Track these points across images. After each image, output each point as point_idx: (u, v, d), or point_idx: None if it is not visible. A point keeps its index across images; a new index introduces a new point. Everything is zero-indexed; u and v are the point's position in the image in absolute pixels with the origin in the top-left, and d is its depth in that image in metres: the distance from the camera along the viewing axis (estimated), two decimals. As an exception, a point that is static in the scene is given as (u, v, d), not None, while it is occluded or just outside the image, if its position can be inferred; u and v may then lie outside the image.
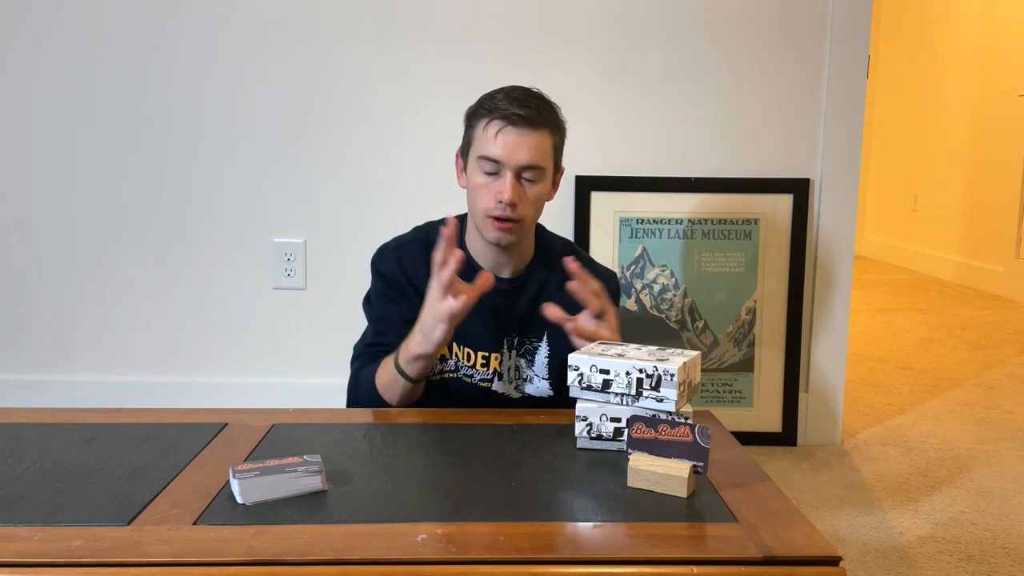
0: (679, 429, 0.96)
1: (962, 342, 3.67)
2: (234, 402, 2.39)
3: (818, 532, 0.87)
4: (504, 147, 1.33)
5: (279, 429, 1.19)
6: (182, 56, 2.38)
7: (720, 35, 2.34)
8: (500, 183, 1.34)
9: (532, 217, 1.40)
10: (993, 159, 4.86)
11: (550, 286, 1.47)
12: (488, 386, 1.44)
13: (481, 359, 1.43)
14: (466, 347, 1.43)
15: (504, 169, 1.34)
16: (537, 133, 1.34)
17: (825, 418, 2.44)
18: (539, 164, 1.35)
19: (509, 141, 1.33)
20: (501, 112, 1.34)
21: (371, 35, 2.36)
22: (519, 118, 1.33)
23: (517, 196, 1.34)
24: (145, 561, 0.81)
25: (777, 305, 2.39)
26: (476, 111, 1.39)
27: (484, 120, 1.36)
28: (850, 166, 2.35)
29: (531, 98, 1.36)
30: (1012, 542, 1.84)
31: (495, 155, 1.34)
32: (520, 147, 1.33)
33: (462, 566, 0.81)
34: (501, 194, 1.33)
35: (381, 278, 1.47)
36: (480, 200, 1.37)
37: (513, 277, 1.46)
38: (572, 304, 1.45)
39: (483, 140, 1.36)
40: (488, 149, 1.34)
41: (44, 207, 2.44)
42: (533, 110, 1.34)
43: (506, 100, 1.34)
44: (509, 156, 1.33)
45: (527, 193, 1.36)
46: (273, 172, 2.42)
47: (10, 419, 1.21)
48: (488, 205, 1.35)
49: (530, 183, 1.36)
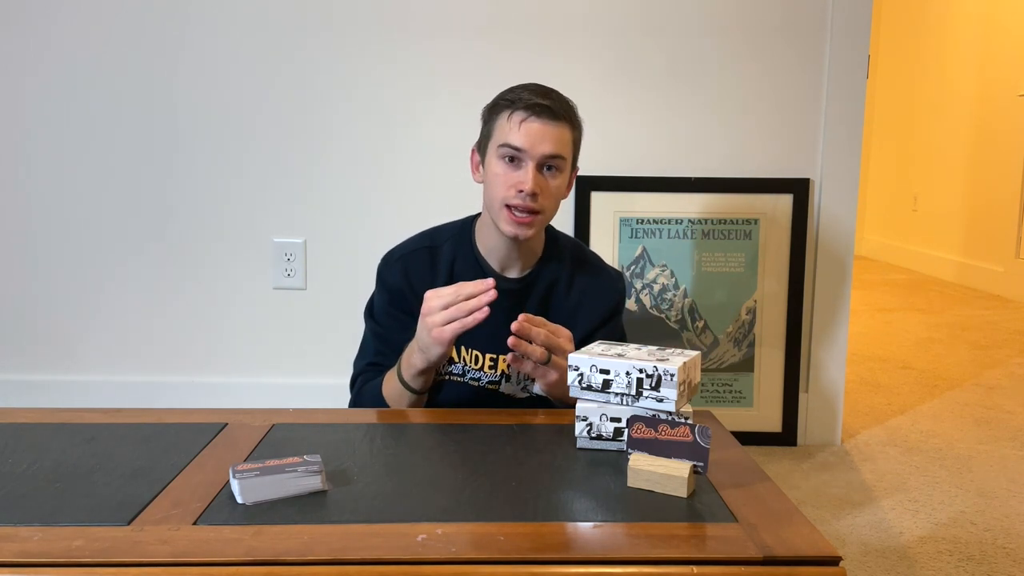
0: (679, 429, 0.96)
1: (962, 342, 3.67)
2: (234, 402, 2.40)
3: (818, 532, 0.87)
4: (528, 136, 1.33)
5: (279, 429, 1.19)
6: (183, 56, 2.38)
7: (720, 35, 2.34)
8: (522, 173, 1.34)
9: (550, 211, 1.39)
10: (993, 159, 4.86)
11: (559, 286, 1.46)
12: (496, 388, 1.44)
13: (489, 361, 1.43)
14: (474, 350, 1.42)
15: (526, 159, 1.34)
16: (559, 125, 1.35)
17: (825, 418, 2.44)
18: (561, 154, 1.35)
19: (533, 130, 1.33)
20: (524, 103, 1.34)
21: (371, 35, 2.36)
22: (543, 108, 1.33)
23: (539, 186, 1.34)
24: (145, 561, 0.81)
25: (777, 305, 2.39)
26: (497, 104, 1.39)
27: (507, 112, 1.36)
28: (850, 166, 2.35)
29: (552, 92, 1.38)
30: (1012, 542, 1.84)
31: (518, 143, 1.33)
32: (544, 137, 1.33)
33: (462, 566, 0.81)
34: (523, 183, 1.33)
35: (385, 290, 1.46)
36: (499, 190, 1.36)
37: (521, 277, 1.45)
38: (577, 305, 1.46)
39: (505, 130, 1.35)
40: (511, 138, 1.34)
41: (44, 207, 2.44)
42: (556, 102, 1.35)
43: (528, 93, 1.35)
44: (532, 145, 1.33)
45: (548, 185, 1.36)
46: (273, 172, 2.42)
47: (10, 419, 1.21)
48: (507, 194, 1.35)
49: (551, 175, 1.36)
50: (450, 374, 1.43)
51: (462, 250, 1.46)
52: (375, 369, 1.45)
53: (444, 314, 1.23)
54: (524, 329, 1.21)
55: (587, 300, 1.47)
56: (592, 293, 1.47)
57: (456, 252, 1.46)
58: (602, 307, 1.47)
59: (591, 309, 1.46)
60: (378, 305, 1.48)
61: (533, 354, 1.22)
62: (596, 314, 1.46)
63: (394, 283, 1.44)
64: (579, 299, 1.46)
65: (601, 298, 1.48)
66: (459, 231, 1.48)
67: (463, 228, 1.48)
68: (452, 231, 1.49)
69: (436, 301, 1.24)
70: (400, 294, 1.43)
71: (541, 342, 1.23)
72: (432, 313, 1.24)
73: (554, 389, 1.28)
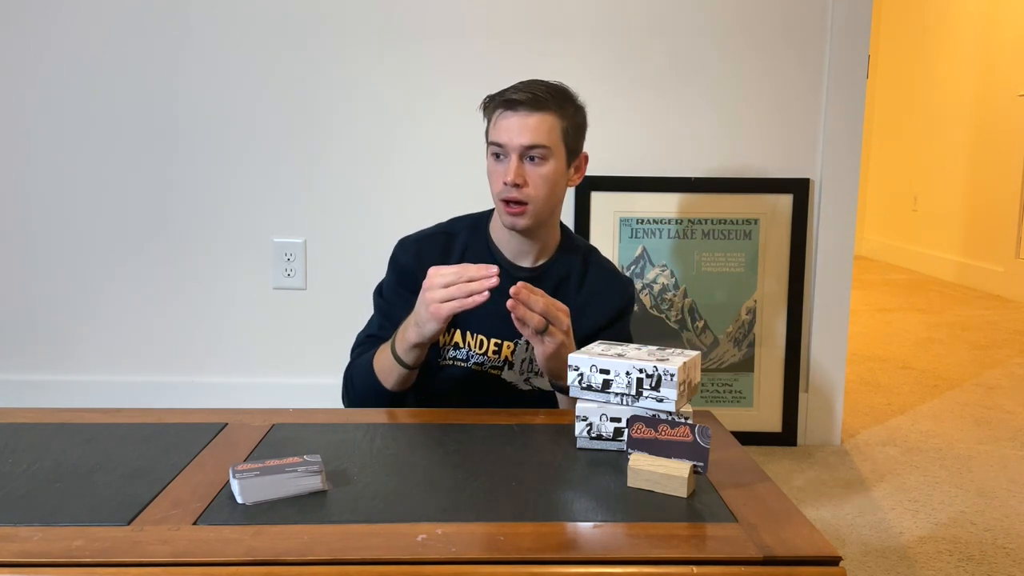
0: (679, 429, 0.96)
1: (962, 342, 3.67)
2: (234, 402, 2.40)
3: (818, 532, 0.87)
4: (505, 131, 1.37)
5: (279, 429, 1.19)
6: (183, 56, 2.38)
7: (720, 35, 2.34)
8: (505, 166, 1.38)
9: (543, 199, 1.40)
10: (993, 159, 4.86)
11: (570, 281, 1.48)
12: (498, 374, 1.45)
13: (493, 346, 1.44)
14: (479, 334, 1.44)
15: (508, 152, 1.38)
16: (537, 115, 1.37)
17: (825, 418, 2.44)
18: (540, 143, 1.37)
19: (510, 124, 1.37)
20: (501, 98, 1.39)
21: (371, 36, 2.36)
22: (516, 102, 1.37)
23: (520, 177, 1.36)
24: (145, 561, 0.81)
25: (777, 305, 2.39)
26: (487, 104, 1.44)
27: (490, 110, 1.41)
28: (850, 166, 2.35)
29: (534, 84, 1.40)
30: (1012, 542, 1.84)
31: (498, 139, 1.38)
32: (520, 129, 1.36)
33: (462, 566, 0.81)
34: (505, 175, 1.37)
35: (395, 270, 1.50)
36: (493, 186, 1.42)
37: (533, 267, 1.47)
38: (586, 303, 1.46)
39: (490, 129, 1.41)
40: (492, 134, 1.40)
41: (45, 208, 2.44)
42: (531, 94, 1.37)
43: (510, 89, 1.39)
44: (510, 139, 1.37)
45: (533, 174, 1.38)
46: (273, 172, 2.42)
47: (10, 419, 1.21)
48: (499, 189, 1.39)
49: (535, 164, 1.38)
50: (454, 359, 1.45)
51: (476, 239, 1.49)
52: (373, 341, 1.47)
53: (444, 291, 1.24)
54: (523, 295, 1.22)
55: (596, 299, 1.48)
56: (601, 293, 1.49)
57: (470, 240, 1.49)
58: (610, 308, 1.49)
59: (599, 308, 1.47)
60: (387, 283, 1.52)
61: (531, 320, 1.23)
62: (603, 314, 1.47)
63: (406, 263, 1.48)
64: (588, 298, 1.48)
65: (610, 299, 1.49)
66: (476, 221, 1.52)
67: (480, 218, 1.52)
68: (469, 220, 1.53)
69: (438, 279, 1.25)
70: (410, 275, 1.44)
71: (540, 310, 1.23)
72: (433, 289, 1.26)
73: (550, 362, 1.28)
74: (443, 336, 1.45)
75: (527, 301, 1.23)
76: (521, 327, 1.25)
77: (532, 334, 1.25)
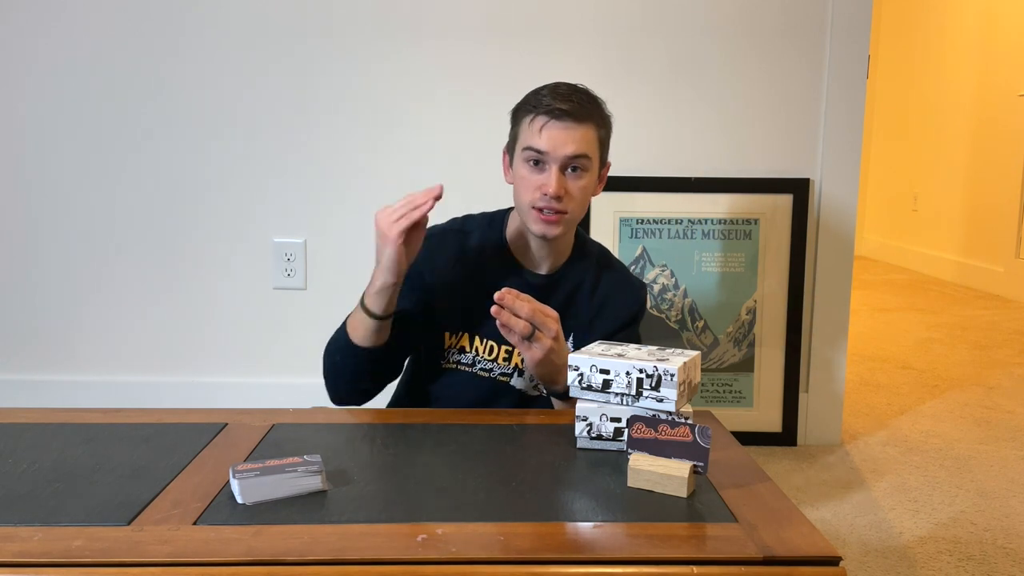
0: (679, 429, 0.96)
1: (962, 342, 3.67)
2: (234, 402, 2.39)
3: (818, 532, 0.87)
4: (549, 140, 1.35)
5: (279, 429, 1.19)
6: (182, 55, 2.38)
7: (720, 35, 2.34)
8: (545, 176, 1.36)
9: (578, 210, 1.40)
10: (993, 159, 4.86)
11: (584, 287, 1.47)
12: (507, 380, 1.44)
13: (504, 352, 1.43)
14: (490, 340, 1.43)
15: (549, 161, 1.35)
16: (582, 127, 1.36)
17: (825, 418, 2.44)
18: (584, 153, 1.36)
19: (554, 135, 1.35)
20: (545, 108, 1.36)
21: (371, 36, 2.36)
22: (563, 112, 1.34)
23: (562, 188, 1.35)
24: (145, 561, 0.81)
25: (777, 305, 2.39)
26: (521, 107, 1.41)
27: (530, 116, 1.38)
28: (850, 166, 2.35)
29: (575, 93, 1.38)
30: (1012, 542, 1.84)
31: (541, 147, 1.35)
32: (565, 140, 1.35)
33: (462, 566, 0.81)
34: (546, 186, 1.35)
35: None
36: (525, 193, 1.38)
37: (549, 274, 1.46)
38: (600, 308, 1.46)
39: (528, 134, 1.37)
40: (533, 141, 1.36)
41: (44, 207, 2.44)
42: (577, 104, 1.36)
43: (551, 96, 1.36)
44: (554, 148, 1.35)
45: (573, 186, 1.37)
46: (273, 172, 2.42)
47: (10, 419, 1.21)
48: (533, 197, 1.37)
49: (576, 176, 1.37)
50: (458, 363, 1.44)
51: (491, 241, 1.48)
52: None
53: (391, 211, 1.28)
54: (507, 301, 1.22)
55: (609, 304, 1.48)
56: (615, 297, 1.48)
57: (485, 242, 1.47)
58: (623, 312, 1.48)
59: (612, 313, 1.47)
60: None
61: (516, 326, 1.22)
62: (616, 318, 1.47)
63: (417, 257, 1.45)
64: (602, 302, 1.47)
65: (623, 303, 1.49)
66: (490, 222, 1.50)
67: (494, 220, 1.51)
68: (484, 220, 1.51)
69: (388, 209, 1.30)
70: (416, 272, 1.42)
71: (525, 315, 1.22)
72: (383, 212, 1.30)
73: (539, 368, 1.27)
74: (449, 337, 1.44)
75: (512, 307, 1.22)
76: (507, 333, 1.24)
77: (519, 340, 1.24)
